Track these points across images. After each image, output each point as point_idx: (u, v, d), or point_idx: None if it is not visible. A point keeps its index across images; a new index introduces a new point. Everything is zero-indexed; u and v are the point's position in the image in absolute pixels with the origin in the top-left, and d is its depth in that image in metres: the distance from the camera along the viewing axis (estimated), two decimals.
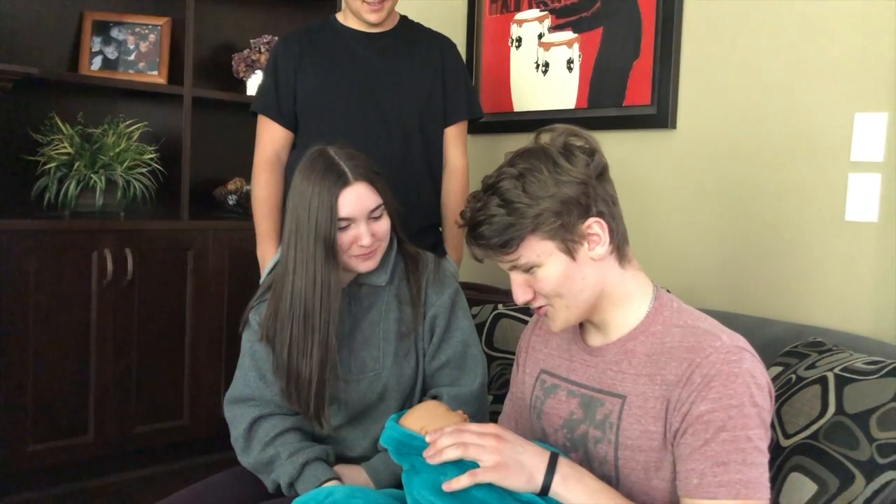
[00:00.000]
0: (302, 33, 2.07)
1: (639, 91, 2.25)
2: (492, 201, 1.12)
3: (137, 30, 2.71)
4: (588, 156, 1.15)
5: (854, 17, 1.80)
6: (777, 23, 1.95)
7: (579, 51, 2.40)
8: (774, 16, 1.95)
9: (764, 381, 1.09)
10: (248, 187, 2.47)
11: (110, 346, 2.38)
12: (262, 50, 2.84)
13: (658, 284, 1.24)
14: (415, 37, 2.09)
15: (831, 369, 1.40)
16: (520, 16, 2.59)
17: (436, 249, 2.07)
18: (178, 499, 1.49)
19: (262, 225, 2.02)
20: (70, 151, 2.41)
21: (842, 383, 1.36)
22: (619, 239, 1.17)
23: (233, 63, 2.87)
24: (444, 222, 2.13)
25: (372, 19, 1.96)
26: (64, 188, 2.41)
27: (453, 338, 1.57)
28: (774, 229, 1.96)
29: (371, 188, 1.45)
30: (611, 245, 1.15)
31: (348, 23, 2.05)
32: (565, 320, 1.19)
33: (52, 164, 2.41)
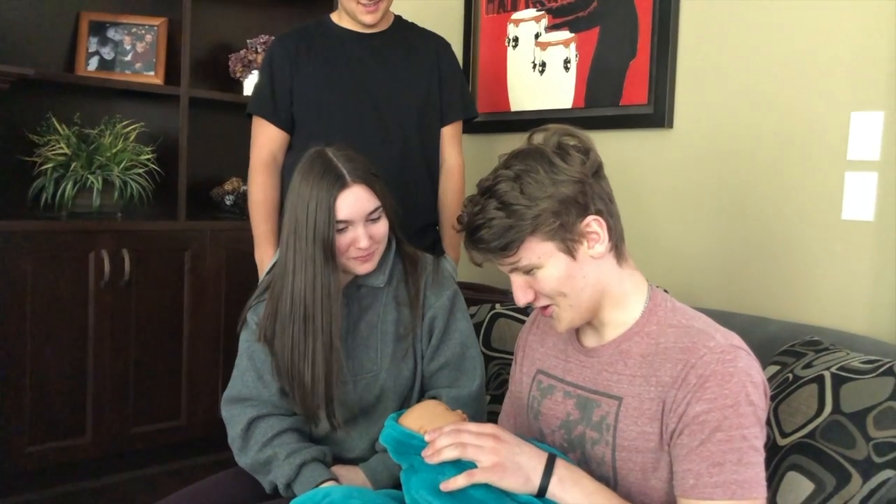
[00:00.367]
0: (297, 34, 2.05)
1: (635, 90, 2.25)
2: (490, 204, 1.11)
3: (134, 30, 2.70)
4: (583, 154, 1.14)
5: (850, 16, 1.81)
6: (773, 22, 1.95)
7: (576, 50, 2.41)
8: (771, 15, 1.96)
9: (759, 379, 1.09)
10: (246, 188, 2.47)
11: (108, 347, 2.38)
12: (259, 50, 2.84)
13: (655, 283, 1.24)
14: (410, 37, 2.08)
15: (828, 368, 1.41)
16: (516, 15, 2.59)
17: (434, 248, 2.07)
18: (176, 499, 1.49)
19: (260, 228, 2.00)
20: (67, 152, 2.41)
21: (838, 382, 1.36)
22: (617, 236, 1.17)
23: (229, 63, 2.87)
24: (442, 221, 2.12)
25: (367, 20, 1.95)
26: (61, 189, 2.41)
27: (452, 339, 1.57)
28: (771, 228, 1.96)
29: (369, 190, 1.45)
30: (609, 242, 1.15)
31: (343, 23, 2.04)
32: (570, 320, 1.18)
33: (49, 165, 2.41)
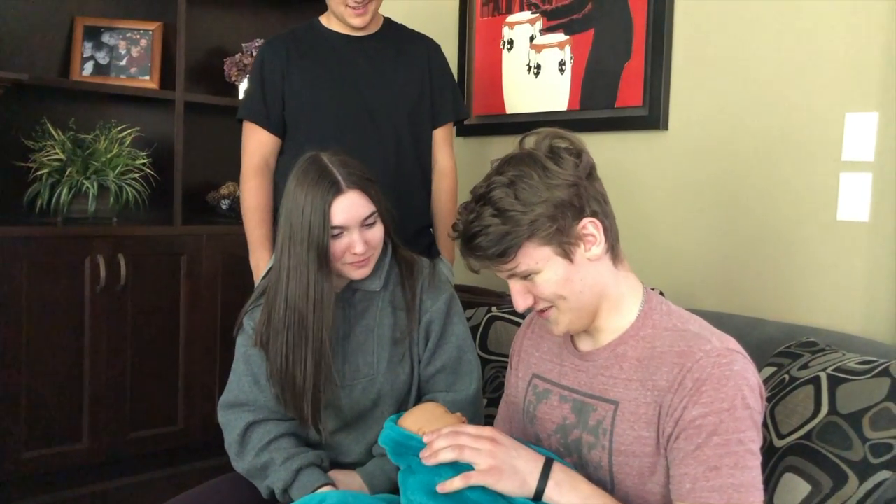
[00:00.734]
0: (287, 37, 2.03)
1: (630, 92, 2.25)
2: (485, 211, 1.11)
3: (129, 35, 2.70)
4: (575, 157, 1.14)
5: (844, 17, 1.81)
6: (767, 24, 1.95)
7: (571, 53, 2.41)
8: (765, 17, 1.96)
9: (755, 382, 1.09)
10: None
11: (104, 352, 2.37)
12: (254, 54, 2.83)
13: (650, 285, 1.24)
14: (400, 39, 2.07)
15: (824, 369, 1.41)
16: (511, 18, 2.59)
17: (430, 250, 2.07)
18: None
19: (255, 233, 2.00)
20: (62, 157, 2.41)
21: (835, 383, 1.37)
22: (613, 237, 1.17)
23: (225, 67, 2.87)
24: (436, 223, 2.12)
25: (356, 23, 1.94)
26: (56, 194, 2.40)
27: (448, 343, 1.57)
28: (766, 230, 1.96)
29: (364, 196, 1.44)
30: (606, 244, 1.15)
31: (332, 26, 2.02)
32: (569, 323, 1.17)
33: (44, 170, 2.40)
